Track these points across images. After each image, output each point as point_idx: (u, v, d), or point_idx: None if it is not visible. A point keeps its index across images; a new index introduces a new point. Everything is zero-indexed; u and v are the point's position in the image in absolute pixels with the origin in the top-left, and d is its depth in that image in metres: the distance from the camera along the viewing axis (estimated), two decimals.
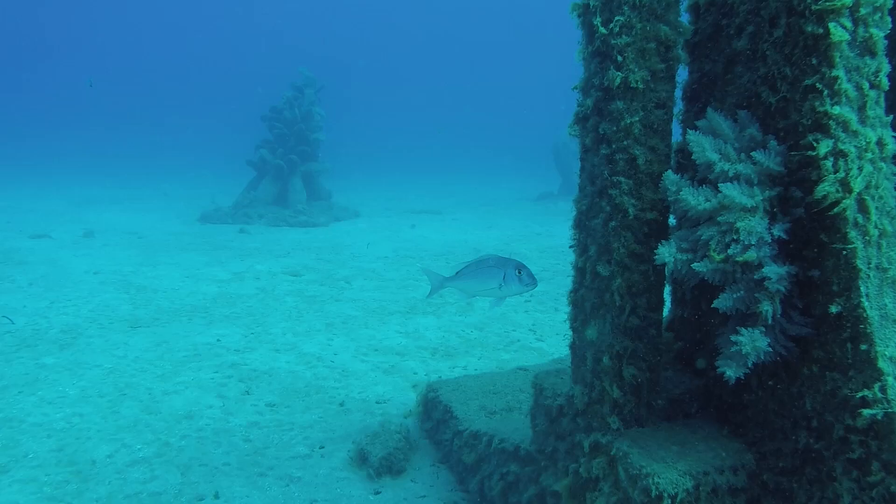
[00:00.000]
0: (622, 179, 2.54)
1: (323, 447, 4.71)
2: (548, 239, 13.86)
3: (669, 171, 2.55)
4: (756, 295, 2.34)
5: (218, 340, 6.76)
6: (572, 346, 2.94)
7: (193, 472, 4.35)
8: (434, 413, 4.72)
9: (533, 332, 7.29)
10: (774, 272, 2.30)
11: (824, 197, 2.17)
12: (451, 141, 49.96)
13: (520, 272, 3.72)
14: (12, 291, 8.60)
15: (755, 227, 2.28)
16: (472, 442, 4.08)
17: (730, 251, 2.32)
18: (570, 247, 2.89)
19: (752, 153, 2.26)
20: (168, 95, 69.14)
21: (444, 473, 4.41)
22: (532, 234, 14.71)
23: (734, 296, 2.38)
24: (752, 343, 2.34)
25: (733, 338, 2.40)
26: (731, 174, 2.35)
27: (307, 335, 6.96)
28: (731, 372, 2.41)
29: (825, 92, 2.19)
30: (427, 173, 33.59)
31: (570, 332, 2.97)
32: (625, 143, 2.52)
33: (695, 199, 2.38)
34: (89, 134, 47.96)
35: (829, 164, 2.18)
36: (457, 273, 3.85)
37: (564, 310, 8.14)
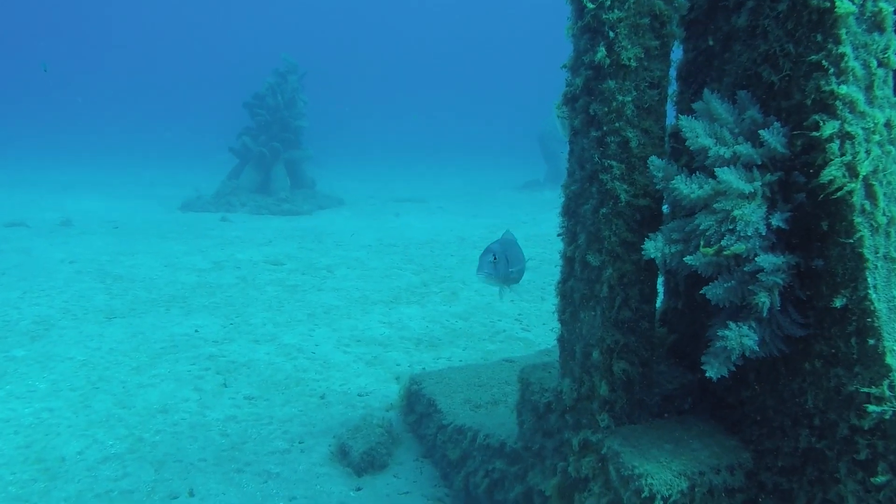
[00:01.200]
0: (614, 163, 2.40)
1: (302, 442, 4.56)
2: (533, 227, 13.74)
3: (654, 156, 2.40)
4: (751, 287, 2.21)
5: (196, 331, 6.57)
6: (560, 340, 2.80)
7: (167, 469, 4.19)
8: (417, 406, 4.58)
9: (519, 322, 7.16)
10: (770, 262, 2.16)
11: (830, 181, 2.04)
12: (437, 129, 49.68)
13: (495, 258, 3.45)
14: None
15: (752, 215, 2.14)
16: (457, 437, 3.94)
17: (723, 242, 2.18)
18: (559, 235, 2.75)
19: (760, 132, 2.11)
20: (149, 83, 68.28)
21: (428, 468, 4.27)
22: (517, 222, 14.58)
23: (725, 285, 2.25)
24: (739, 339, 2.21)
25: (720, 332, 2.28)
26: (727, 157, 2.21)
27: (288, 326, 6.79)
28: (712, 371, 2.28)
29: (831, 70, 2.05)
30: (412, 162, 33.39)
31: (558, 324, 2.83)
32: (616, 124, 2.37)
33: (687, 187, 2.23)
34: (70, 121, 47.27)
35: (834, 146, 2.04)
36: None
37: (551, 299, 8.05)
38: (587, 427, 2.64)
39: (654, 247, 2.31)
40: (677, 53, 2.61)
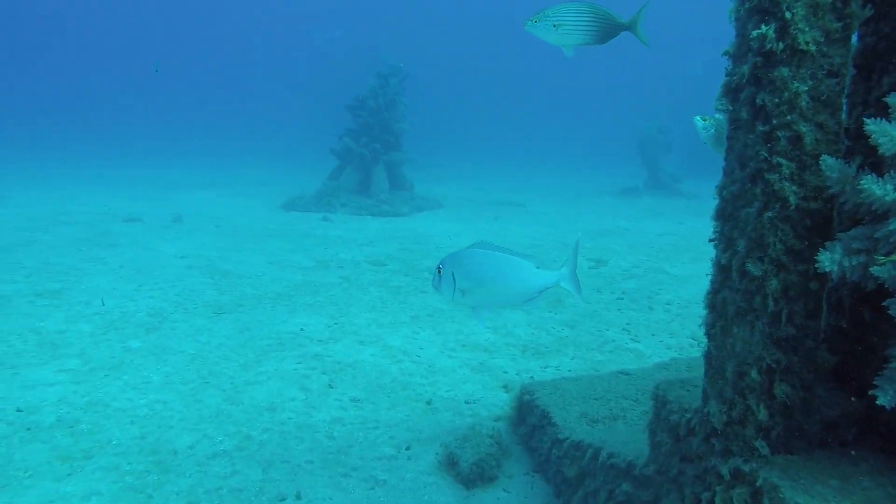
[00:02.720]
0: (783, 161, 2.13)
1: (409, 448, 4.43)
2: (636, 234, 13.28)
3: (826, 155, 2.13)
4: None
5: (301, 329, 6.59)
6: (707, 356, 2.54)
7: (275, 469, 4.15)
8: (529, 418, 4.38)
9: (627, 332, 6.84)
10: None
11: None
12: (530, 133, 49.28)
13: (439, 272, 3.01)
14: (104, 273, 8.70)
15: None
16: (575, 453, 3.72)
17: None
18: (711, 240, 2.49)
19: None
20: (254, 83, 70.74)
21: (540, 484, 4.07)
22: (619, 228, 14.14)
23: None
24: None
25: None
26: None
27: (392, 327, 6.72)
28: (885, 398, 2.00)
29: None
30: (506, 165, 33.16)
31: (706, 339, 2.57)
32: (788, 117, 2.11)
33: (880, 188, 1.95)
34: (179, 121, 49.47)
35: None
36: None
37: (659, 309, 7.70)
38: (738, 454, 2.38)
39: (830, 259, 2.04)
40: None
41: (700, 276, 9.25)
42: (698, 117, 3.97)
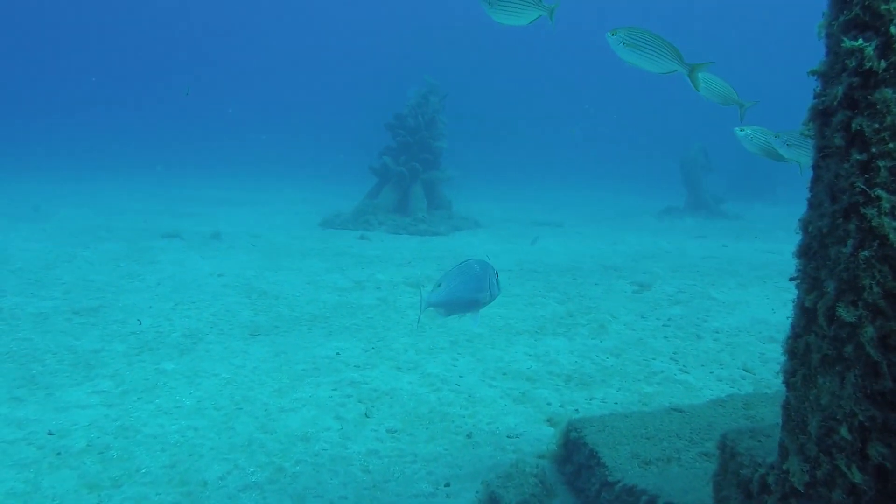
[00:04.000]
0: (883, 194, 1.89)
1: (448, 485, 4.21)
2: (679, 257, 12.94)
3: None
4: None
5: (337, 354, 6.42)
6: (786, 407, 2.29)
7: None
8: (576, 456, 4.13)
9: (675, 363, 6.54)
10: None
11: None
12: (567, 151, 48.97)
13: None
14: (141, 291, 8.66)
15: None
16: (627, 498, 3.46)
17: None
18: (792, 279, 2.24)
19: None
20: (291, 100, 71.53)
21: None
22: (661, 250, 13.80)
23: None
24: None
25: None
26: None
27: (430, 353, 6.51)
28: None
29: None
30: (544, 183, 32.93)
31: (784, 388, 2.32)
32: (891, 145, 1.87)
33: None
34: (218, 138, 50.19)
35: None
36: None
37: (707, 337, 7.38)
38: None
39: None
40: None
41: (748, 303, 8.90)
42: (608, 33, 3.83)
